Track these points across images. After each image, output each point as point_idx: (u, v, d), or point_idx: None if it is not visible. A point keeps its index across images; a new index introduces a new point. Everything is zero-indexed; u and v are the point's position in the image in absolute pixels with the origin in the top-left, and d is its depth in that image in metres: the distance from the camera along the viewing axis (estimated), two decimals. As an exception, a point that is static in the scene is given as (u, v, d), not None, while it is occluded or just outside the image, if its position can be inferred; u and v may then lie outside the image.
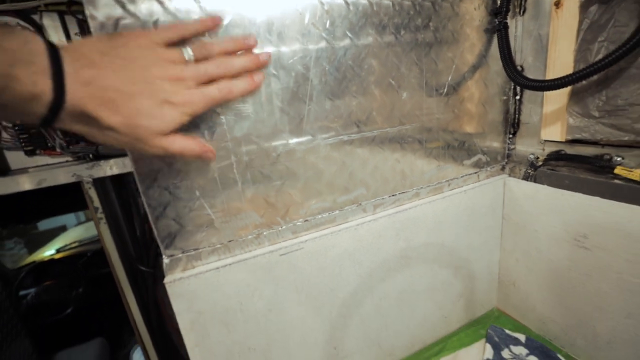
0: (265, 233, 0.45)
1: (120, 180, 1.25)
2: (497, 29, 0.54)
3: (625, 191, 0.46)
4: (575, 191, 0.52)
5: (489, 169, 0.63)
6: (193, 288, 0.41)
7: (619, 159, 0.47)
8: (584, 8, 0.47)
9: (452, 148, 0.57)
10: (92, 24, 0.31)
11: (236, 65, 0.34)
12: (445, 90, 0.53)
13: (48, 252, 2.64)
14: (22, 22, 1.00)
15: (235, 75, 0.34)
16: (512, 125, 0.62)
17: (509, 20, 0.55)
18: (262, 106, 0.40)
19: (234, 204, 0.42)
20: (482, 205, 0.62)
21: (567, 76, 0.43)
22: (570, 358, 0.57)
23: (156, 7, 0.33)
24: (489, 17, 0.55)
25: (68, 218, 3.56)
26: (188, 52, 0.32)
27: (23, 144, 1.10)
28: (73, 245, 2.66)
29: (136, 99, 0.28)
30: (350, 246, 0.50)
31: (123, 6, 0.32)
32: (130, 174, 1.25)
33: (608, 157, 0.49)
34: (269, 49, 0.39)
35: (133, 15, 0.33)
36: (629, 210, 0.45)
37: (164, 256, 0.41)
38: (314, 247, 0.47)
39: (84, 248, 2.53)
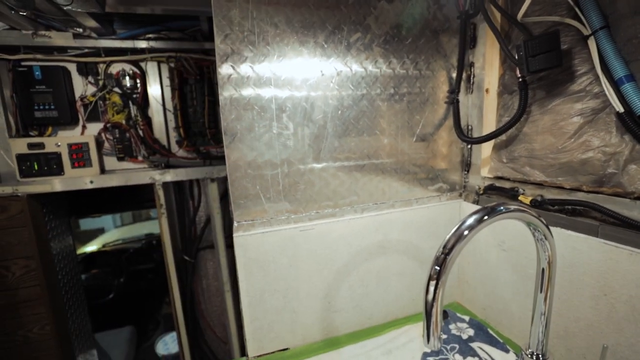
0: (292, 216, 0.74)
1: (180, 186, 1.61)
2: (452, 102, 0.83)
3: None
4: (500, 211, 0.78)
5: (448, 194, 0.90)
6: (248, 242, 0.71)
7: (521, 190, 0.73)
8: (499, 95, 0.76)
9: (420, 177, 0.85)
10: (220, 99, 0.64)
11: None
12: (414, 139, 0.83)
13: (91, 247, 3.05)
14: (133, 67, 1.43)
15: None
16: (466, 164, 0.89)
17: (462, 97, 0.84)
18: (298, 142, 0.71)
19: (276, 197, 0.72)
20: (442, 219, 0.88)
21: (479, 137, 0.72)
22: (498, 333, 0.79)
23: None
24: (448, 93, 0.85)
25: (106, 222, 4.00)
26: None
27: (117, 152, 1.49)
28: (117, 242, 3.05)
29: None
30: (344, 233, 0.78)
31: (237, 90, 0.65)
32: (187, 181, 1.60)
33: (516, 189, 0.75)
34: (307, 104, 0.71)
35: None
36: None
37: (235, 222, 0.71)
38: (322, 229, 0.76)
39: (126, 245, 2.91)
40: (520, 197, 0.73)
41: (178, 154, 1.53)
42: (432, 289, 0.42)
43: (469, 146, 0.88)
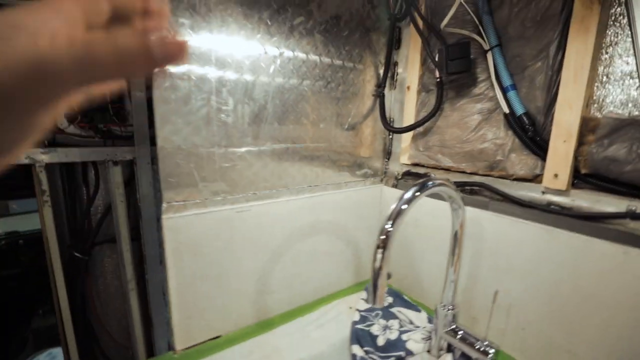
0: (228, 197, 0.71)
1: (71, 171, 1.34)
2: (378, 95, 0.92)
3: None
4: (414, 194, 0.90)
5: (372, 179, 0.99)
6: (179, 225, 0.65)
7: (432, 175, 0.86)
8: (418, 93, 0.88)
9: (349, 163, 0.92)
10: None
11: None
12: (346, 127, 0.88)
13: None
14: None
15: None
16: (387, 153, 1.00)
17: (387, 91, 0.94)
18: (238, 120, 0.69)
19: (211, 176, 0.68)
20: (366, 202, 0.97)
21: (402, 127, 0.82)
22: (411, 298, 0.92)
23: (187, 57, 0.60)
24: (375, 87, 0.93)
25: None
26: None
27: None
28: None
29: None
30: (281, 214, 0.79)
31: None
32: (80, 164, 1.34)
33: (428, 174, 0.88)
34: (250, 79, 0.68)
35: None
36: (430, 200, 0.84)
37: (164, 203, 0.64)
38: (258, 210, 0.75)
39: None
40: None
41: (67, 131, 1.27)
42: (379, 256, 0.47)
43: (391, 136, 0.98)
